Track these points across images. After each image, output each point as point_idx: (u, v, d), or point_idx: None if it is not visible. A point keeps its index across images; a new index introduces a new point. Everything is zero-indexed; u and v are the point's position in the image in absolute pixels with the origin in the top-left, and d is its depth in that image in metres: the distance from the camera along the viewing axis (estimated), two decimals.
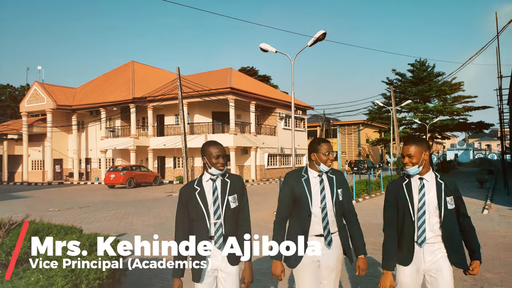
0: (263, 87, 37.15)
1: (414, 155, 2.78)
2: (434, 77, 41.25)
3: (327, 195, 2.89)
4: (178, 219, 2.86)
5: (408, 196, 2.80)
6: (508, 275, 5.34)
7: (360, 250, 2.90)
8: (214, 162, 2.84)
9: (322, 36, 11.37)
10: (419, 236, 2.74)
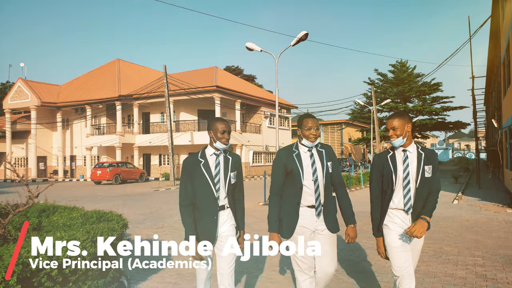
0: (248, 86, 37.69)
1: (398, 128, 2.92)
2: (414, 78, 42.43)
3: (318, 168, 3.00)
4: (183, 188, 3.02)
5: (392, 167, 2.95)
6: (465, 248, 6.04)
7: (349, 220, 3.03)
8: (220, 136, 3.00)
9: (304, 36, 12.00)
10: (406, 203, 2.91)
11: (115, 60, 36.63)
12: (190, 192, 2.98)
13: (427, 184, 2.89)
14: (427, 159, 2.91)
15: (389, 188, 2.96)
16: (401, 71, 42.86)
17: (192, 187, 2.98)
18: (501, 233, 7.42)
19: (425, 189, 2.89)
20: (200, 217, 2.98)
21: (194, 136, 29.81)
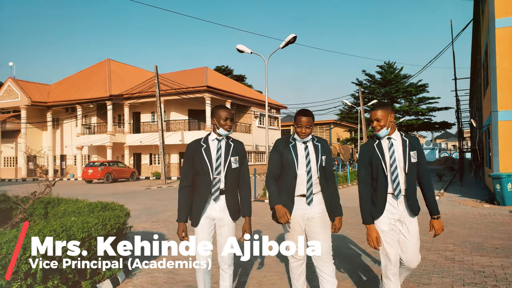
0: (238, 86, 38.12)
1: (381, 119, 3.03)
2: (401, 79, 43.26)
3: (312, 160, 3.13)
4: (184, 170, 3.16)
5: (380, 155, 3.06)
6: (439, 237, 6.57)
7: (337, 211, 3.17)
8: (223, 123, 3.14)
9: (293, 39, 12.49)
10: (395, 189, 3.01)
11: (105, 60, 36.77)
12: (190, 174, 3.11)
13: (415, 169, 3.03)
14: (411, 145, 3.05)
15: (380, 175, 3.05)
16: (389, 72, 43.68)
17: (193, 170, 3.12)
18: (474, 224, 7.99)
19: (414, 174, 3.02)
20: (197, 200, 3.10)
21: (184, 136, 30.12)
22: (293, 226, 3.11)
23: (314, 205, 3.12)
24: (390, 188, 3.04)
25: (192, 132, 30.31)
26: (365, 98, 41.74)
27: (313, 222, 3.11)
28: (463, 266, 4.87)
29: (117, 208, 4.98)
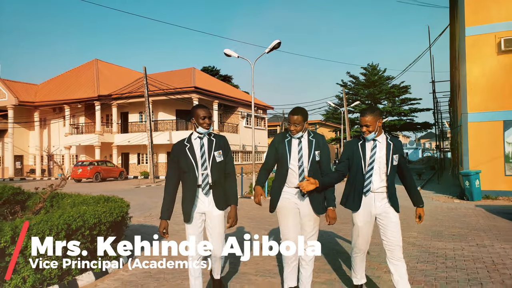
0: (225, 87, 38.70)
1: (370, 124, 3.22)
2: (384, 81, 44.37)
3: (304, 155, 3.31)
4: (169, 170, 3.31)
5: (361, 154, 3.29)
6: (406, 226, 7.34)
7: (330, 203, 3.34)
8: (201, 122, 3.25)
9: (277, 45, 13.22)
10: (366, 186, 3.27)
11: (93, 60, 37.00)
12: (174, 175, 3.28)
13: (395, 170, 3.28)
14: (395, 148, 3.27)
15: (358, 172, 3.29)
16: (372, 74, 44.74)
17: (179, 169, 3.27)
18: (440, 216, 8.81)
19: (393, 175, 3.29)
20: (186, 196, 3.25)
21: (172, 136, 30.60)
22: (286, 214, 3.32)
23: (309, 198, 3.30)
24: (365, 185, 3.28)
25: (180, 132, 30.80)
26: (349, 99, 42.75)
27: (307, 218, 3.33)
28: (421, 249, 5.63)
29: (118, 200, 5.59)
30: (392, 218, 3.27)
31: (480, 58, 12.92)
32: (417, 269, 4.61)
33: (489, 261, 4.97)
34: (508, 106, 12.46)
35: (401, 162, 3.30)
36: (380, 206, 3.28)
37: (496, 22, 12.71)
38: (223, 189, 3.34)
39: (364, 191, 3.28)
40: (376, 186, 3.26)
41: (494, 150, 12.62)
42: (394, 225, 3.27)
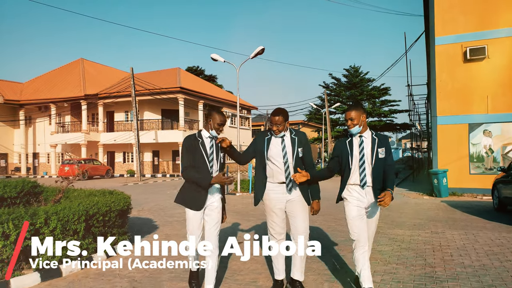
0: (210, 87, 39.41)
1: (355, 118, 3.41)
2: (365, 83, 45.69)
3: (288, 152, 3.51)
4: (185, 158, 3.52)
5: (350, 151, 3.47)
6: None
7: (314, 195, 3.60)
8: (217, 127, 3.55)
9: (261, 51, 14.11)
10: (361, 180, 3.42)
11: (78, 60, 37.24)
12: (191, 161, 3.50)
13: (382, 163, 3.42)
14: (380, 143, 3.45)
15: (347, 167, 3.48)
16: (354, 76, 46.01)
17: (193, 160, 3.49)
18: (406, 210, 9.80)
19: (380, 168, 3.42)
20: (196, 188, 3.48)
21: (158, 135, 31.19)
22: (272, 208, 3.57)
23: (294, 190, 3.55)
24: (358, 180, 3.45)
25: (165, 131, 31.42)
26: (331, 100, 43.93)
27: (293, 204, 3.55)
28: (383, 235, 6.57)
29: (120, 193, 6.35)
30: (375, 211, 3.54)
31: (448, 66, 14.01)
32: (376, 250, 5.53)
33: (437, 243, 5.93)
34: (472, 110, 13.57)
35: (387, 155, 3.45)
36: (370, 198, 3.47)
37: (462, 33, 13.81)
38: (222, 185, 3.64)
39: (361, 185, 3.44)
40: (369, 181, 3.45)
41: (460, 151, 13.73)
42: (376, 220, 3.61)
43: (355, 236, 3.45)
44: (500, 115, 13.24)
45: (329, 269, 4.62)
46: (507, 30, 13.16)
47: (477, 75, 13.53)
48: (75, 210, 4.49)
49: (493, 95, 13.29)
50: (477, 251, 5.43)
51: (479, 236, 6.46)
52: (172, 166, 33.69)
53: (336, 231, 6.96)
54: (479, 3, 13.60)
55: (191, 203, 3.48)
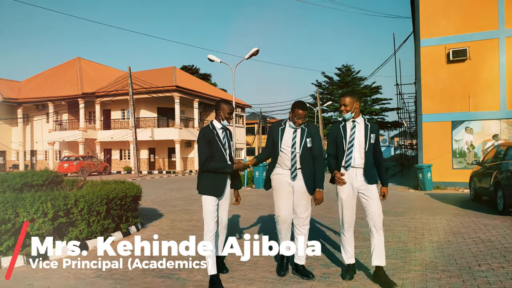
0: (205, 86, 40.06)
1: (348, 104, 3.63)
2: (357, 81, 46.64)
3: (297, 142, 3.76)
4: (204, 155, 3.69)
5: (343, 134, 3.70)
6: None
7: (318, 184, 3.78)
8: (227, 116, 3.80)
9: (256, 52, 14.87)
10: (347, 161, 3.67)
11: (75, 59, 37.71)
12: (208, 152, 3.71)
13: (372, 148, 3.69)
14: (372, 129, 3.69)
15: (341, 150, 3.72)
16: (346, 74, 46.95)
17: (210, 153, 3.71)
18: (391, 200, 10.59)
19: (371, 152, 3.68)
20: (214, 176, 3.72)
21: (154, 132, 31.83)
22: (280, 190, 3.83)
23: (298, 178, 3.78)
24: (343, 161, 3.69)
25: (161, 129, 32.07)
26: (323, 99, 44.81)
27: (297, 193, 3.79)
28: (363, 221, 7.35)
29: (130, 183, 7.06)
30: (373, 191, 3.70)
31: (432, 66, 14.83)
32: (359, 231, 6.30)
33: (413, 226, 6.73)
34: (455, 108, 14.42)
35: (376, 142, 3.71)
36: (361, 180, 3.66)
37: (446, 35, 14.65)
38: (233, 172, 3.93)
39: (345, 166, 3.67)
40: (357, 162, 3.65)
41: (444, 147, 14.58)
42: (376, 198, 3.73)
43: (345, 217, 3.75)
44: (480, 113, 14.10)
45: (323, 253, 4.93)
46: (487, 33, 14.01)
47: (459, 75, 14.37)
48: (98, 194, 5.22)
49: (474, 94, 14.14)
50: (446, 231, 6.23)
51: (452, 220, 7.27)
52: (168, 163, 34.36)
53: (325, 217, 7.72)
54: (461, 8, 14.43)
55: (214, 191, 3.70)
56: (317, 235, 5.95)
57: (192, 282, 3.84)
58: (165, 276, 4.04)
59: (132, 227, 6.19)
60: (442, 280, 3.78)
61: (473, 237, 5.76)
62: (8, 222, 4.34)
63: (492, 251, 4.93)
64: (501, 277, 3.87)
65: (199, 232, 6.09)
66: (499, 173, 7.96)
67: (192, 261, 3.90)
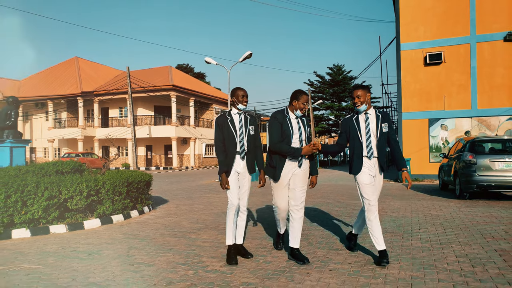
0: (201, 85, 41.17)
1: (361, 96, 3.72)
2: (348, 80, 47.98)
3: (302, 132, 3.90)
4: (217, 138, 3.97)
5: (356, 126, 3.81)
6: (338, 195, 10.34)
7: (313, 172, 4.06)
8: (241, 99, 3.97)
9: (249, 55, 16.08)
10: (368, 151, 3.76)
11: (73, 58, 38.68)
12: (221, 139, 3.97)
13: (385, 137, 3.78)
14: (383, 119, 3.80)
15: (356, 141, 3.81)
16: (337, 74, 48.27)
17: (223, 137, 3.97)
18: None
19: (384, 141, 3.78)
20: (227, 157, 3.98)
21: (151, 130, 32.95)
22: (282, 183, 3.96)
23: (303, 168, 3.97)
24: (365, 152, 3.79)
25: (158, 127, 33.19)
26: (315, 97, 46.12)
27: (295, 177, 3.94)
28: (342, 205, 8.62)
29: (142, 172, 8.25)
30: (380, 180, 3.88)
31: (411, 69, 16.15)
32: (334, 209, 7.57)
33: (380, 207, 8.00)
34: (432, 107, 15.75)
35: (390, 130, 3.81)
36: (376, 168, 3.83)
37: (423, 40, 15.97)
38: (254, 156, 4.12)
39: (368, 156, 3.79)
40: (375, 152, 3.79)
41: (421, 142, 15.91)
42: (380, 186, 3.89)
43: (369, 202, 3.78)
44: (454, 111, 15.44)
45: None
46: (460, 38, 15.35)
47: (435, 77, 15.71)
48: (120, 179, 6.43)
49: (448, 94, 15.49)
50: (406, 210, 7.52)
51: (415, 204, 8.55)
52: (165, 160, 35.49)
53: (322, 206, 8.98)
54: (437, 15, 15.75)
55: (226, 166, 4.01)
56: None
57: (199, 240, 5.06)
58: (178, 237, 5.26)
59: (145, 208, 7.42)
60: (387, 238, 5.03)
61: (426, 213, 7.05)
62: (54, 198, 5.54)
63: (435, 221, 6.23)
64: (431, 236, 5.15)
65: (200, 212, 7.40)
66: (457, 163, 9.26)
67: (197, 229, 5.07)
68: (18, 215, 5.23)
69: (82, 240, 5.09)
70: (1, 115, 8.99)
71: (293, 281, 3.36)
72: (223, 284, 3.30)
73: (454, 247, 4.52)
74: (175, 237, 5.26)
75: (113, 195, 6.29)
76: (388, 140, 3.85)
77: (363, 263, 3.90)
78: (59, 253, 4.43)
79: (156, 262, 4.03)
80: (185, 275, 3.55)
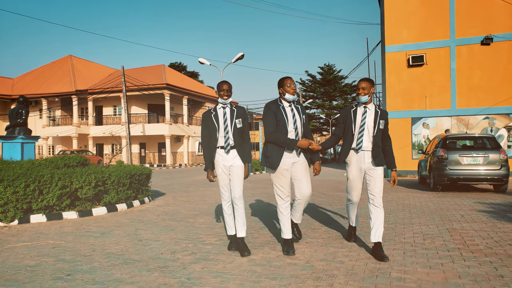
0: (194, 83, 41.78)
1: (366, 87, 3.81)
2: (338, 80, 48.90)
3: (297, 120, 3.86)
4: (203, 133, 4.03)
5: (353, 118, 3.89)
6: (321, 187, 11.13)
7: (315, 158, 4.00)
8: (221, 94, 3.94)
9: (241, 56, 16.80)
10: (358, 144, 3.85)
11: (67, 56, 39.06)
12: (208, 136, 3.98)
13: (381, 133, 3.83)
14: (382, 115, 3.84)
15: (349, 133, 3.89)
16: (328, 73, 49.15)
17: (208, 133, 3.97)
18: None
19: (379, 137, 3.82)
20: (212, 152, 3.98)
21: (145, 128, 33.52)
22: (283, 173, 3.86)
23: (302, 155, 3.94)
24: (354, 144, 3.87)
25: (152, 125, 33.77)
26: (306, 96, 46.96)
27: (297, 167, 3.90)
28: (327, 196, 9.39)
29: (142, 166, 8.95)
30: (378, 172, 3.82)
31: (395, 70, 16.99)
32: (317, 200, 8.35)
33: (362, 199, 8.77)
34: (414, 106, 16.60)
35: (385, 128, 3.86)
36: (368, 162, 3.83)
37: (406, 43, 16.81)
38: (242, 149, 4.01)
39: (356, 148, 3.86)
40: (365, 145, 3.83)
41: (405, 140, 16.76)
42: (379, 178, 3.81)
43: (351, 196, 4.05)
44: (435, 111, 16.31)
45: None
46: (441, 41, 16.22)
47: (417, 78, 16.56)
48: (124, 171, 7.14)
49: (430, 94, 16.35)
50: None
51: (391, 195, 9.34)
52: (158, 157, 36.09)
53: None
54: (419, 19, 16.60)
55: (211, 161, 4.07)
56: None
57: (197, 223, 5.79)
58: (178, 221, 6.00)
59: (146, 198, 8.14)
60: (360, 221, 5.80)
61: (398, 203, 7.85)
62: (67, 187, 6.24)
63: (404, 208, 7.03)
64: (398, 219, 5.95)
65: (196, 202, 8.13)
66: (432, 158, 10.09)
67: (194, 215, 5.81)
68: (35, 202, 5.92)
69: (93, 223, 5.81)
70: (13, 113, 9.63)
71: (275, 250, 4.12)
72: (217, 252, 4.06)
73: (414, 227, 5.31)
74: (175, 221, 5.99)
75: (118, 186, 6.99)
76: (382, 138, 3.89)
77: (334, 238, 4.67)
78: (75, 233, 5.14)
79: (161, 238, 4.77)
80: (186, 247, 4.30)
